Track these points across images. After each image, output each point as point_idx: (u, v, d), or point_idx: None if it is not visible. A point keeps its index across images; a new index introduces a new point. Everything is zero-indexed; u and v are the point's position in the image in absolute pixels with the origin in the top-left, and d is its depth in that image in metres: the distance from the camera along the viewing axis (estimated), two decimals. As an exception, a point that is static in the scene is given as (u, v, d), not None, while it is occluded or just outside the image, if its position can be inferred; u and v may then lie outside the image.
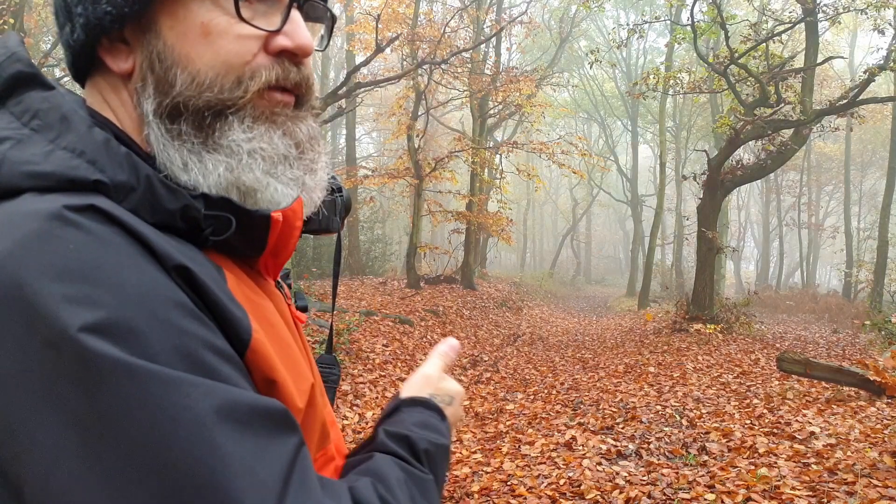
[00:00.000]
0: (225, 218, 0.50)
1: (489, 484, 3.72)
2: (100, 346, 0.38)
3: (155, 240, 0.44)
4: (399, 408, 0.66)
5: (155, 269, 0.43)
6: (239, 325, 0.46)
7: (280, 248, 0.56)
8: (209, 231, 0.50)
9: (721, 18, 9.67)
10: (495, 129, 20.02)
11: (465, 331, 10.94)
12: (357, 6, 16.00)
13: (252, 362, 0.46)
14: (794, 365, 6.14)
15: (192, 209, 0.49)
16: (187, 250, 0.47)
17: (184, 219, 0.48)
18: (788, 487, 3.21)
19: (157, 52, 0.50)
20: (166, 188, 0.48)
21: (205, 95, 0.50)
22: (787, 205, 28.02)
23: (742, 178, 11.17)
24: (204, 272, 0.46)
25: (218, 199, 0.50)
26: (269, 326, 0.51)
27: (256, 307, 0.51)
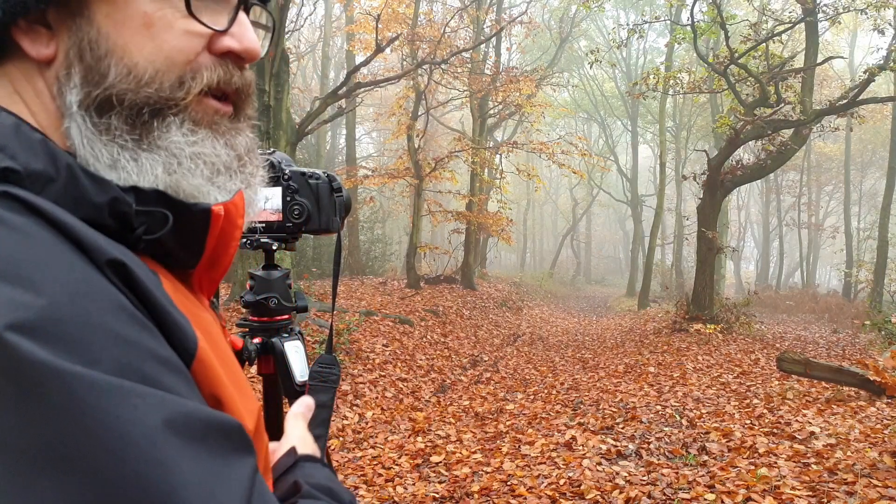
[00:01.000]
0: (159, 214, 0.45)
1: (489, 484, 3.72)
2: (29, 348, 0.33)
3: (83, 231, 0.39)
4: (298, 463, 0.61)
5: (86, 265, 0.38)
6: (183, 332, 0.41)
7: (219, 255, 0.51)
8: (142, 229, 0.45)
9: (721, 18, 9.67)
10: (495, 129, 20.02)
11: (465, 331, 10.94)
12: (357, 6, 16.00)
13: (198, 375, 0.41)
14: (794, 365, 6.14)
15: (121, 203, 0.43)
16: (118, 245, 0.42)
17: (112, 214, 0.43)
18: (788, 487, 3.21)
19: (88, 40, 0.46)
20: (91, 179, 0.43)
21: (144, 91, 0.46)
22: (787, 205, 28.02)
23: (742, 178, 11.17)
24: (139, 269, 0.41)
25: (152, 192, 0.45)
26: (212, 339, 0.46)
27: (196, 317, 0.46)
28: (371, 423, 5.38)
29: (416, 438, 4.92)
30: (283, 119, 7.75)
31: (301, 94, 21.38)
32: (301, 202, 1.10)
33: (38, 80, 0.47)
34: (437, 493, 3.66)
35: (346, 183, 8.05)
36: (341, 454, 4.57)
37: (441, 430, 5.16)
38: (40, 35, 0.46)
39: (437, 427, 5.28)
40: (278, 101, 7.62)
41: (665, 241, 25.89)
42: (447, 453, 4.46)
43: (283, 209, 1.10)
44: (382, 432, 5.14)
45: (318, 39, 23.92)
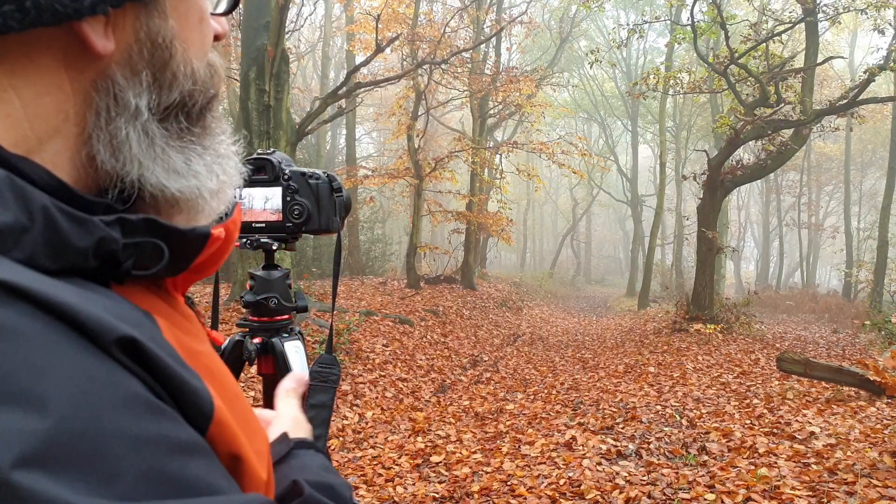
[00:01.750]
0: (149, 245, 0.39)
1: (489, 484, 3.72)
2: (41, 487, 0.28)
3: (82, 310, 0.33)
4: (292, 451, 0.60)
5: (90, 355, 0.32)
6: (199, 397, 0.37)
7: (208, 266, 0.46)
8: (129, 263, 0.38)
9: (721, 18, 9.68)
10: (495, 129, 20.02)
11: (465, 331, 10.94)
12: (357, 6, 16.00)
13: (216, 437, 0.38)
14: (794, 365, 6.14)
15: (108, 242, 0.37)
16: (114, 305, 0.36)
17: (97, 256, 0.36)
18: (788, 487, 3.21)
19: (161, 35, 0.41)
20: (71, 220, 0.35)
21: (199, 89, 0.44)
22: (787, 205, 28.02)
23: (742, 178, 11.17)
24: (145, 335, 0.35)
25: (140, 221, 0.38)
26: (218, 377, 0.42)
27: (199, 358, 0.41)
28: (371, 423, 5.38)
29: (416, 438, 4.92)
30: (283, 119, 7.75)
31: (301, 94, 21.38)
32: (301, 202, 1.10)
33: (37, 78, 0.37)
34: (437, 493, 3.66)
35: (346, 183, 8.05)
36: (341, 454, 4.57)
37: (441, 430, 5.16)
38: (98, 24, 0.38)
39: (437, 427, 5.28)
40: (278, 101, 7.63)
41: (665, 241, 25.89)
42: (447, 453, 4.46)
43: (283, 209, 1.10)
44: (382, 432, 5.14)
45: (318, 39, 23.92)
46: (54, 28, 0.36)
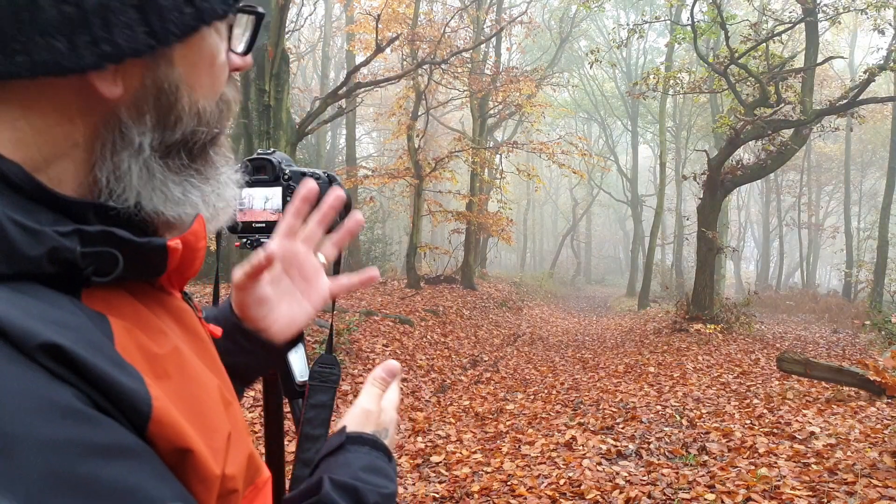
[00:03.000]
0: (107, 254, 0.41)
1: (489, 484, 3.72)
2: None
3: (4, 315, 0.34)
4: (344, 445, 0.61)
5: (9, 361, 0.34)
6: (134, 397, 0.38)
7: (184, 269, 0.49)
8: (90, 270, 0.41)
9: (721, 18, 9.68)
10: (495, 129, 20.03)
11: (465, 331, 10.94)
12: (357, 6, 16.00)
13: (157, 435, 0.39)
14: (794, 365, 6.14)
15: (62, 251, 0.39)
16: (55, 311, 0.38)
17: (53, 262, 0.39)
18: (788, 487, 3.21)
19: (168, 82, 0.44)
20: (23, 230, 0.38)
21: (203, 130, 0.47)
22: (787, 205, 28.02)
23: (742, 178, 11.17)
24: (80, 339, 0.37)
25: (98, 233, 0.41)
26: (176, 376, 0.44)
27: (156, 360, 0.43)
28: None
29: (416, 438, 4.92)
30: (283, 119, 7.75)
31: (301, 94, 21.39)
32: (301, 202, 1.10)
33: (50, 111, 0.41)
34: (437, 493, 3.66)
35: (346, 183, 8.05)
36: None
37: (441, 430, 5.16)
38: (106, 73, 0.42)
39: (437, 427, 5.28)
40: (278, 101, 7.63)
41: (665, 241, 25.90)
42: (447, 453, 4.46)
43: (283, 209, 1.10)
44: None
45: (318, 39, 23.93)
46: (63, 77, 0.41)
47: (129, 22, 0.41)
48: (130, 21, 0.41)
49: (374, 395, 0.69)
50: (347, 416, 0.66)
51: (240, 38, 0.51)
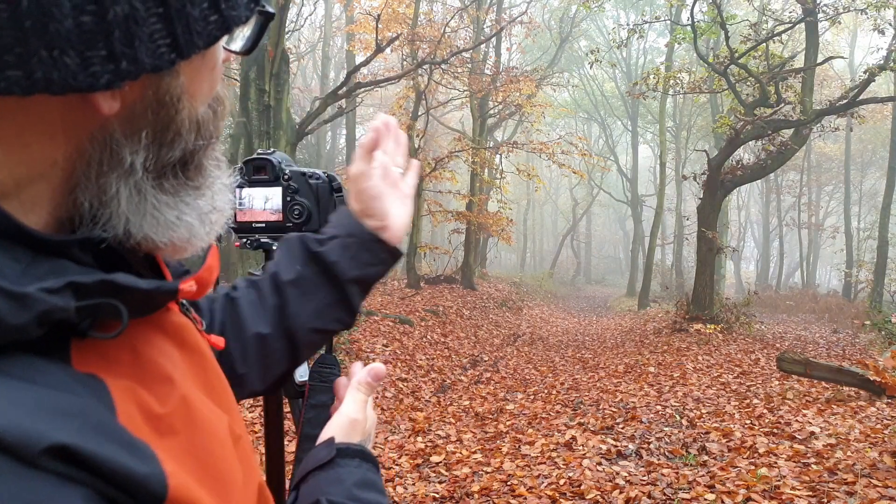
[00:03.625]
0: (108, 306, 0.36)
1: (489, 484, 3.72)
2: None
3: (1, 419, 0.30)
4: (335, 459, 0.59)
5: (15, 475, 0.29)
6: (149, 481, 0.34)
7: (197, 297, 0.46)
8: (86, 323, 0.36)
9: (721, 18, 9.68)
10: (495, 129, 20.03)
11: (465, 331, 10.94)
12: (357, 6, 16.00)
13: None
14: (794, 365, 6.14)
15: (53, 312, 0.33)
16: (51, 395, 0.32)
17: (42, 325, 0.33)
18: (788, 487, 3.21)
19: (170, 94, 0.39)
20: (8, 297, 0.32)
21: (202, 138, 0.42)
22: (787, 205, 28.02)
23: (742, 178, 11.17)
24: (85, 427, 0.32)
25: (95, 284, 0.35)
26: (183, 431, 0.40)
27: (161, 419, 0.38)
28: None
29: (416, 438, 4.92)
30: (283, 119, 7.75)
31: (301, 94, 21.39)
32: (301, 202, 1.10)
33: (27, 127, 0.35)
34: (437, 493, 3.66)
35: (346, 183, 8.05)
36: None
37: (441, 430, 5.16)
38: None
39: (437, 427, 5.28)
40: (278, 101, 7.63)
41: (665, 241, 25.89)
42: (447, 453, 4.46)
43: (283, 209, 1.10)
44: (382, 432, 5.14)
45: (318, 39, 23.93)
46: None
47: (152, 34, 0.35)
48: (154, 33, 0.35)
49: (360, 401, 0.67)
50: (333, 426, 0.64)
51: (238, 34, 0.46)
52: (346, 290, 0.71)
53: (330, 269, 0.70)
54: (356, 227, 0.72)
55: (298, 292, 0.70)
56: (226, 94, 0.47)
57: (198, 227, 0.43)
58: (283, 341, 0.70)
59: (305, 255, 0.72)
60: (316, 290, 0.71)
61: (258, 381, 0.70)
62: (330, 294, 0.71)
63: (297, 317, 0.70)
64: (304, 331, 0.70)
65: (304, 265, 0.71)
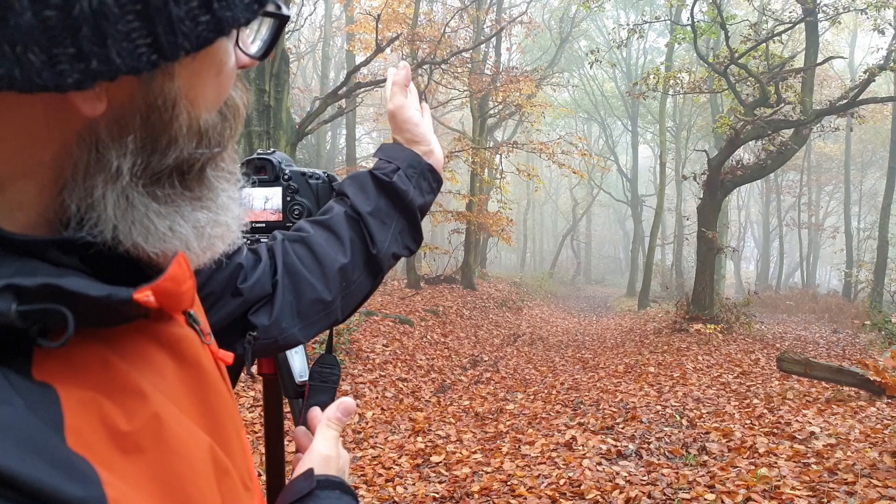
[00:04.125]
0: (54, 311, 0.33)
1: (489, 484, 3.72)
2: None
3: None
4: (315, 492, 0.57)
5: None
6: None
7: (171, 308, 0.41)
8: (35, 330, 0.33)
9: (721, 18, 9.68)
10: (495, 129, 20.02)
11: (465, 331, 10.94)
12: (357, 6, 16.00)
13: None
14: (795, 365, 6.14)
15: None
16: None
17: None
18: (788, 487, 3.21)
19: (162, 97, 0.37)
20: None
21: (203, 148, 0.40)
22: (787, 205, 28.01)
23: (742, 178, 11.17)
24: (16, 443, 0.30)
25: (38, 287, 0.32)
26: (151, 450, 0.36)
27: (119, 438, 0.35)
28: (371, 423, 5.38)
29: (416, 438, 4.92)
30: (283, 119, 7.75)
31: (301, 94, 21.39)
32: (301, 202, 1.10)
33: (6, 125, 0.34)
34: (437, 494, 3.66)
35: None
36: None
37: (441, 430, 5.16)
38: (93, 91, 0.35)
39: (437, 427, 5.28)
40: (278, 101, 7.63)
41: (665, 241, 25.89)
42: (447, 453, 4.46)
43: (283, 209, 1.10)
44: (382, 432, 5.14)
45: (318, 39, 23.93)
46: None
47: (128, 33, 0.32)
48: (131, 32, 0.32)
49: (332, 438, 0.66)
50: (308, 460, 0.62)
51: (253, 35, 0.43)
52: (416, 216, 0.80)
53: (402, 197, 0.79)
54: (413, 157, 0.81)
55: (378, 221, 0.78)
56: (242, 100, 0.44)
57: (193, 241, 0.41)
58: (363, 269, 0.78)
59: (378, 187, 0.79)
60: (391, 219, 0.79)
61: (340, 309, 0.77)
62: (402, 221, 0.80)
63: (382, 243, 0.78)
64: (387, 257, 0.78)
65: (378, 196, 0.79)
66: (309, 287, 0.75)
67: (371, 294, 0.81)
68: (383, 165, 0.81)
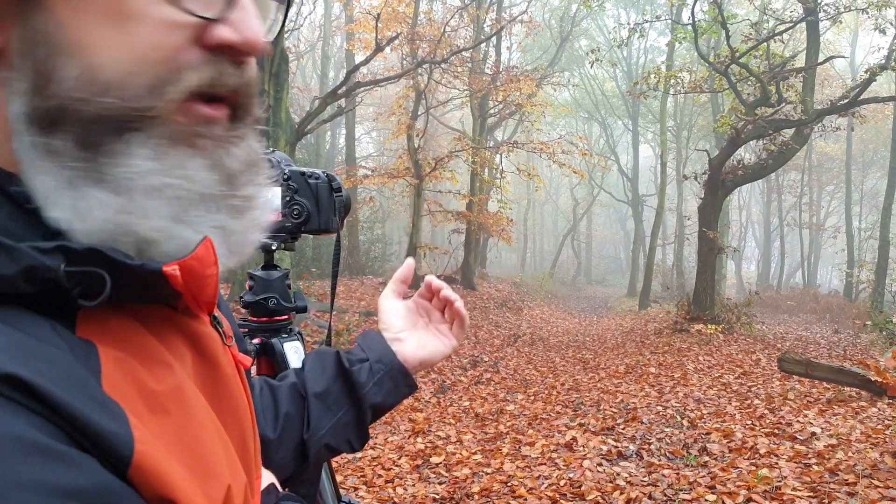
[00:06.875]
0: (96, 275, 0.36)
1: (489, 485, 3.71)
2: None
3: None
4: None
5: None
6: (113, 439, 0.34)
7: (195, 294, 0.42)
8: (77, 292, 0.36)
9: (722, 17, 9.67)
10: (495, 129, 20.02)
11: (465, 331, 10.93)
12: (357, 5, 15.99)
13: (139, 480, 0.35)
14: (796, 365, 6.13)
15: (40, 270, 0.34)
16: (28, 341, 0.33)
17: (30, 282, 0.34)
18: (789, 488, 3.20)
19: (38, 31, 0.36)
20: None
21: (100, 100, 0.36)
22: (788, 205, 27.99)
23: (743, 177, 11.16)
24: (53, 373, 0.33)
25: (85, 251, 0.35)
26: (176, 413, 0.39)
27: (153, 395, 0.38)
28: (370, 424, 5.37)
29: (416, 439, 4.92)
30: (283, 118, 7.75)
31: (301, 93, 21.39)
32: (300, 202, 1.09)
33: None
34: (437, 494, 3.65)
35: (345, 183, 8.06)
36: (341, 455, 4.56)
37: (441, 431, 5.15)
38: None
39: (437, 428, 5.27)
40: (278, 100, 7.62)
41: (666, 241, 25.88)
42: (447, 454, 4.46)
43: (282, 209, 1.10)
44: (382, 433, 5.13)
45: (318, 39, 23.93)
46: None
47: None
48: None
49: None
50: (269, 475, 0.61)
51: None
52: (366, 413, 0.74)
53: (356, 389, 0.73)
54: (386, 355, 0.76)
55: (322, 406, 0.72)
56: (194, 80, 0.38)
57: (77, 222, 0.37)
58: (289, 450, 0.71)
59: (336, 370, 0.74)
60: (338, 407, 0.73)
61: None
62: (349, 413, 0.74)
63: (317, 429, 0.71)
64: (318, 445, 0.72)
65: (333, 380, 0.74)
66: None
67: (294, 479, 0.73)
68: (356, 352, 0.77)
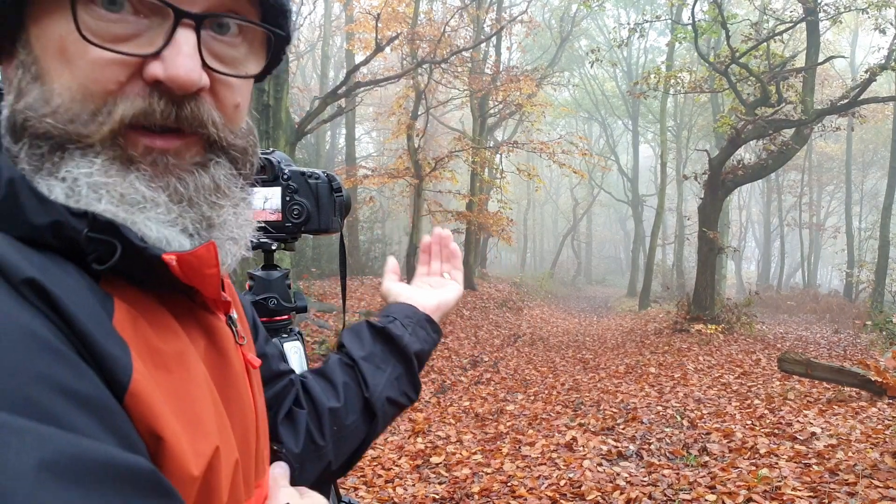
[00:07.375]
0: (111, 244, 0.41)
1: (489, 485, 3.71)
2: None
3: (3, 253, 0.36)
4: None
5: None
6: (115, 363, 0.37)
7: (198, 288, 0.47)
8: (94, 256, 0.41)
9: (722, 17, 9.66)
10: (495, 129, 20.01)
11: (465, 331, 10.93)
12: (357, 5, 15.98)
13: (133, 409, 0.37)
14: (796, 365, 6.13)
15: (65, 227, 0.40)
16: (55, 268, 0.38)
17: (57, 237, 0.40)
18: (789, 488, 3.20)
19: (25, 60, 0.44)
20: (37, 198, 0.40)
21: (47, 120, 0.42)
22: (788, 205, 27.99)
23: (743, 177, 11.16)
24: (71, 295, 0.37)
25: (106, 223, 0.41)
26: (178, 373, 0.42)
27: (157, 352, 0.42)
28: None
29: (416, 439, 4.92)
30: (283, 118, 7.74)
31: (301, 93, 21.38)
32: (300, 202, 1.09)
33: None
34: (437, 494, 3.65)
35: (345, 183, 8.07)
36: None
37: (441, 431, 5.15)
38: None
39: (437, 428, 5.27)
40: (277, 100, 7.62)
41: (666, 241, 25.88)
42: (447, 454, 4.45)
43: (282, 209, 1.09)
44: (382, 433, 5.13)
45: (318, 38, 23.92)
46: None
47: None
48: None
49: (292, 493, 0.61)
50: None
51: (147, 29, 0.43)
52: (413, 361, 0.82)
53: (396, 342, 0.80)
54: (409, 309, 0.85)
55: (371, 366, 0.79)
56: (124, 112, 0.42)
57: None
58: (357, 412, 0.77)
59: (372, 332, 0.82)
60: (386, 363, 0.80)
61: (333, 453, 0.75)
62: (398, 366, 0.80)
63: (375, 387, 0.78)
64: (381, 400, 0.78)
65: (373, 342, 0.81)
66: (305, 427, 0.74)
67: (368, 441, 0.79)
68: (382, 318, 0.84)
